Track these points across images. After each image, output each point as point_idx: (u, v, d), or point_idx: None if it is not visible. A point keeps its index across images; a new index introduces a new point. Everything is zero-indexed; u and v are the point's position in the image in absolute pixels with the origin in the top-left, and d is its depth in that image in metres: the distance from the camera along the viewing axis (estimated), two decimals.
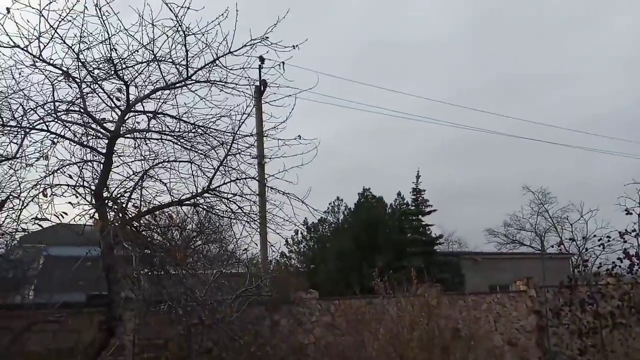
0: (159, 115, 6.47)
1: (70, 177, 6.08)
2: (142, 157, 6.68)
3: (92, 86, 6.13)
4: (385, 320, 9.36)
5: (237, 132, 6.66)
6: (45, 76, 5.88)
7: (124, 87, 6.08)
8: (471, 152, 52.09)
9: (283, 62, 6.34)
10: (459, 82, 51.06)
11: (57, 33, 5.49)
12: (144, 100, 6.31)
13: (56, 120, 6.02)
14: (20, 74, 5.86)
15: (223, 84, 6.34)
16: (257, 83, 10.19)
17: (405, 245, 21.65)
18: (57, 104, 5.95)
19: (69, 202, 5.96)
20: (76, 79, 5.94)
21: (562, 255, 25.18)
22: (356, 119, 52.72)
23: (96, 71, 6.00)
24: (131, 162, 6.63)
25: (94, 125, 6.22)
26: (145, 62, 6.00)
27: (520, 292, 13.24)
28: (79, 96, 5.99)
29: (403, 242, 21.98)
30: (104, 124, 6.18)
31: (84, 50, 5.74)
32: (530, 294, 13.10)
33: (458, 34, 54.37)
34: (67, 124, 6.15)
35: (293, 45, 6.09)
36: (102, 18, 5.50)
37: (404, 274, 10.49)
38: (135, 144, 6.63)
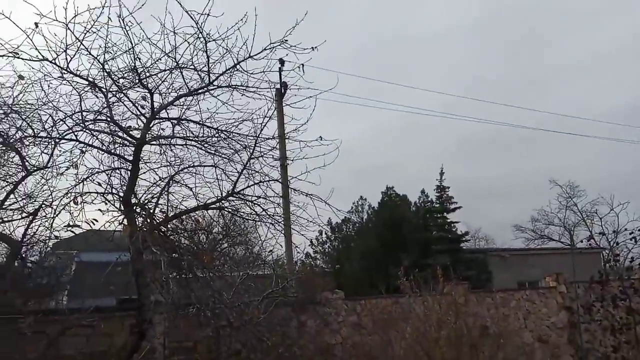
0: (183, 122, 6.58)
1: (99, 184, 6.26)
2: (168, 163, 6.82)
3: (117, 95, 6.27)
4: (412, 319, 9.31)
5: (259, 135, 6.74)
6: (73, 87, 6.06)
7: (149, 95, 6.21)
8: (495, 147, 51.30)
9: (303, 64, 6.39)
10: (478, 76, 50.18)
11: (83, 45, 5.64)
12: (168, 107, 6.43)
13: (84, 129, 6.18)
14: (49, 86, 6.04)
15: (244, 88, 6.41)
16: (278, 86, 10.25)
17: (431, 243, 21.44)
18: (84, 113, 6.11)
19: (99, 209, 6.12)
20: (102, 89, 6.09)
21: (592, 249, 24.60)
22: (378, 118, 52.23)
23: (121, 80, 6.14)
24: (157, 168, 6.78)
25: (120, 134, 6.37)
26: (168, 69, 6.11)
27: (550, 288, 13.02)
28: (105, 105, 6.14)
29: (428, 240, 21.78)
30: (130, 132, 6.32)
31: (109, 60, 5.88)
32: (561, 290, 12.86)
33: (475, 26, 53.44)
34: (94, 133, 6.32)
35: (312, 47, 6.12)
36: (125, 28, 5.62)
37: (429, 272, 10.42)
38: (160, 150, 6.77)
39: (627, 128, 47.41)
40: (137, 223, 6.15)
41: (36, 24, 5.31)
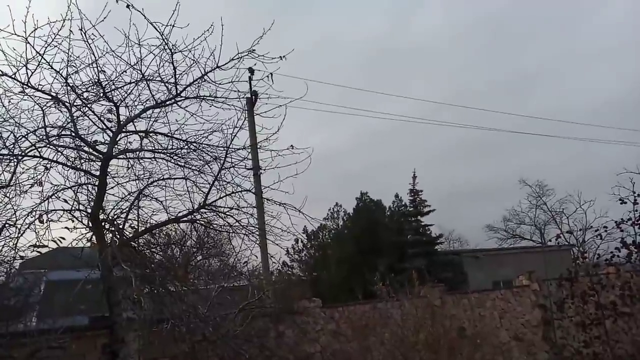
0: (151, 134, 6.49)
1: (66, 201, 6.11)
2: (137, 177, 6.71)
3: (82, 109, 6.15)
4: (390, 324, 9.35)
5: (230, 146, 6.69)
6: (35, 102, 5.92)
7: (114, 108, 6.11)
8: (471, 151, 52.44)
9: (271, 74, 6.40)
10: (455, 84, 51.52)
11: (44, 59, 5.53)
12: (135, 120, 6.33)
13: (48, 145, 6.03)
14: (9, 101, 5.89)
15: (213, 98, 6.38)
16: (248, 95, 10.21)
17: (406, 246, 21.65)
18: (48, 129, 5.97)
19: (66, 227, 5.98)
20: (66, 104, 5.96)
21: (563, 247, 25.24)
22: (362, 126, 53.42)
23: (85, 94, 6.03)
24: (126, 182, 6.67)
25: (86, 149, 6.24)
26: (134, 82, 6.03)
27: (524, 286, 13.25)
28: (69, 120, 6.01)
29: (403, 243, 21.98)
30: (96, 147, 6.20)
31: (72, 74, 5.78)
32: (534, 287, 13.11)
33: (451, 36, 54.83)
34: (59, 149, 6.17)
35: (280, 56, 6.13)
36: (88, 41, 5.54)
37: (406, 276, 10.49)
38: (128, 164, 6.66)
39: (600, 128, 49.12)
40: (107, 239, 6.01)
41: None
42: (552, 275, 12.07)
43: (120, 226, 6.22)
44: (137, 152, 6.55)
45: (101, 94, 5.99)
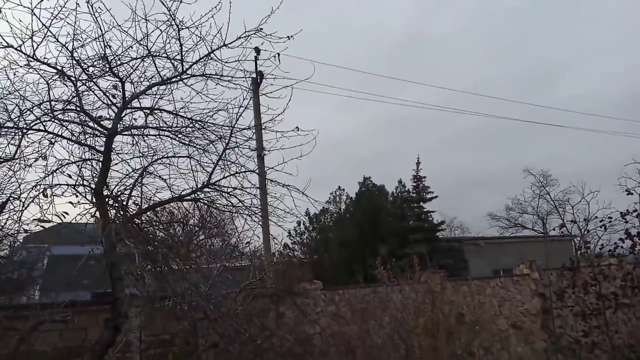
0: (156, 111, 6.44)
1: (70, 176, 6.07)
2: (141, 154, 6.66)
3: (87, 84, 6.08)
4: (390, 308, 9.41)
5: (235, 126, 6.64)
6: (40, 75, 5.84)
7: (120, 84, 6.04)
8: (482, 140, 52.29)
9: (278, 54, 6.30)
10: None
11: (50, 31, 5.44)
12: (140, 97, 6.27)
13: (53, 119, 5.98)
14: (15, 74, 5.81)
15: (219, 77, 6.29)
16: (254, 75, 10.12)
17: (408, 232, 21.69)
18: (53, 103, 5.91)
19: (70, 202, 5.95)
20: (71, 78, 5.90)
21: (564, 237, 25.24)
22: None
23: (91, 69, 5.95)
24: (130, 159, 6.62)
25: (91, 124, 6.19)
26: (139, 57, 5.95)
27: (524, 275, 13.30)
28: (74, 95, 5.95)
29: (405, 229, 22.02)
30: (101, 122, 6.14)
31: (77, 48, 5.69)
32: (534, 277, 13.15)
33: (464, 28, 54.38)
34: (64, 123, 6.12)
35: (288, 36, 6.04)
36: (94, 15, 5.44)
37: (407, 261, 10.53)
38: (133, 140, 6.61)
39: (606, 119, 48.76)
40: (110, 215, 6.01)
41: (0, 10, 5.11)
42: (553, 265, 12.10)
43: (124, 203, 6.20)
44: (142, 129, 6.51)
45: (107, 69, 5.93)
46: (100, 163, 6.13)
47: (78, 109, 6.02)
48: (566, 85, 54.34)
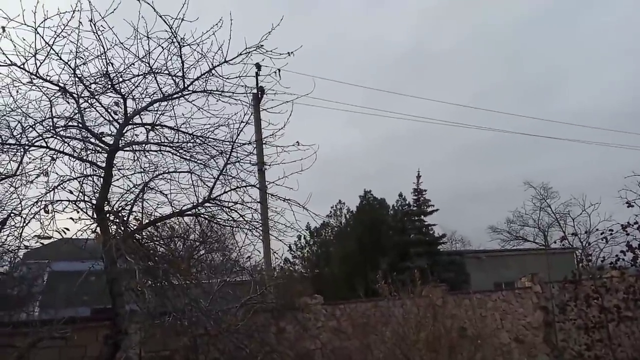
0: (157, 127, 6.49)
1: (71, 192, 6.11)
2: (142, 170, 6.71)
3: (89, 101, 6.16)
4: (391, 322, 9.34)
5: (236, 141, 6.69)
6: (43, 93, 5.92)
7: (122, 101, 6.11)
8: (484, 153, 52.51)
9: (279, 69, 6.38)
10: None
11: (53, 49, 5.53)
12: (142, 113, 6.33)
13: (55, 136, 6.04)
14: (17, 91, 5.89)
15: (220, 93, 6.36)
16: (255, 91, 10.20)
17: (409, 246, 21.60)
18: (55, 120, 5.98)
19: (71, 218, 5.97)
20: (73, 95, 5.96)
21: (566, 250, 25.12)
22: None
23: (93, 86, 6.03)
24: (131, 174, 6.67)
25: (92, 140, 6.24)
26: (141, 74, 6.03)
27: (526, 288, 13.23)
28: (76, 111, 6.02)
29: (406, 243, 21.94)
30: (103, 138, 6.20)
31: (80, 65, 5.78)
32: (536, 290, 13.09)
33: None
34: (66, 140, 6.17)
35: (288, 52, 6.12)
36: (97, 33, 5.53)
37: (408, 275, 10.48)
38: (134, 156, 6.67)
39: (606, 132, 48.96)
40: (111, 231, 6.02)
41: (3, 28, 5.19)
42: (555, 278, 12.04)
43: (125, 218, 6.22)
44: (143, 145, 6.56)
45: (109, 86, 6.00)
46: (101, 179, 6.16)
47: (80, 125, 6.07)
48: (566, 97, 54.72)
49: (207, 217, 6.92)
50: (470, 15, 55.93)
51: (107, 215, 6.06)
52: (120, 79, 5.98)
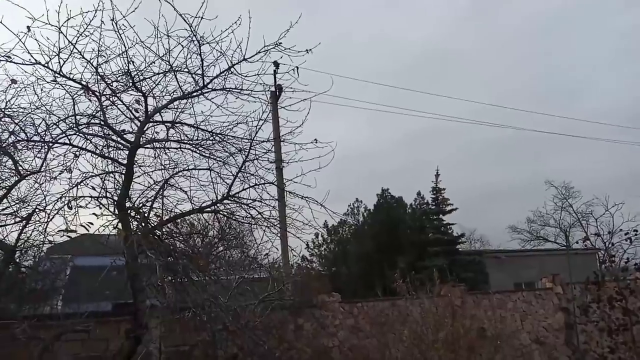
0: (177, 125, 6.56)
1: (93, 188, 6.21)
2: (162, 167, 6.79)
3: (111, 99, 6.24)
4: (409, 321, 9.30)
5: (254, 138, 6.72)
6: (66, 91, 6.02)
7: (142, 99, 6.18)
8: (504, 152, 51.84)
9: (297, 67, 6.39)
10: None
11: (76, 48, 5.61)
12: (162, 111, 6.40)
13: (78, 133, 6.14)
14: (42, 89, 6.01)
15: (239, 91, 6.39)
16: (273, 88, 10.23)
17: (427, 245, 21.45)
18: (78, 117, 6.07)
19: (93, 213, 6.08)
20: (96, 93, 6.06)
21: (588, 250, 24.66)
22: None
23: (115, 84, 6.11)
24: (152, 171, 6.75)
25: (114, 137, 6.33)
26: (161, 72, 6.09)
27: (547, 289, 13.03)
28: (99, 109, 6.11)
29: (424, 242, 21.78)
30: (124, 135, 6.28)
31: (102, 64, 5.86)
32: (557, 291, 12.88)
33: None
34: (88, 137, 6.27)
35: (307, 50, 6.11)
36: (118, 32, 5.60)
37: (426, 274, 10.41)
38: (155, 153, 6.75)
39: (625, 129, 47.87)
40: (132, 227, 6.11)
41: (28, 28, 5.29)
42: (576, 279, 11.84)
43: (146, 214, 6.31)
44: (164, 142, 6.63)
45: (130, 84, 6.07)
46: (122, 175, 6.25)
47: (102, 122, 6.17)
48: (589, 95, 53.55)
49: (225, 214, 6.98)
50: (491, 14, 55.17)
51: (129, 211, 6.15)
52: (141, 77, 6.05)
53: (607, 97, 54.16)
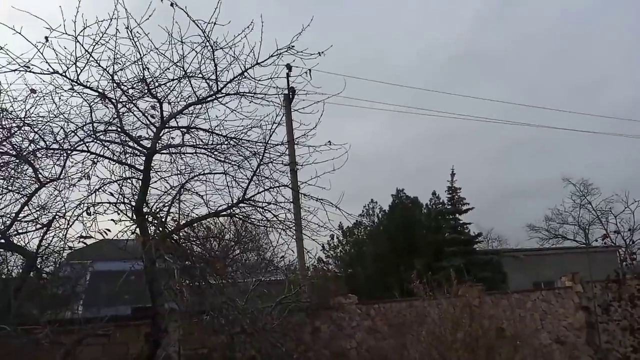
0: (192, 130, 6.63)
1: (112, 194, 6.31)
2: (179, 172, 6.87)
3: (127, 105, 6.34)
4: (427, 322, 9.23)
5: (269, 142, 6.76)
6: (83, 99, 6.13)
7: (158, 105, 6.26)
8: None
9: (310, 70, 6.41)
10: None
11: (92, 57, 5.71)
12: (177, 116, 6.48)
13: (95, 140, 6.25)
14: (60, 98, 6.12)
15: (252, 95, 6.45)
16: (286, 92, 10.27)
17: (443, 245, 21.29)
18: (95, 124, 6.18)
19: (112, 219, 6.17)
20: (112, 100, 6.15)
21: (608, 248, 24.23)
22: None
23: (130, 91, 6.20)
24: (168, 176, 6.84)
25: (131, 143, 6.42)
26: (176, 78, 6.17)
27: (566, 288, 12.84)
28: (115, 116, 6.21)
29: (441, 242, 21.63)
30: (141, 142, 6.37)
31: (118, 71, 5.95)
32: (577, 289, 12.68)
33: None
34: (105, 144, 6.38)
35: (319, 52, 6.13)
36: (133, 39, 5.68)
37: (443, 274, 10.33)
38: (171, 159, 6.83)
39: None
40: (150, 232, 6.18)
41: (46, 38, 5.39)
42: (596, 277, 11.64)
43: (163, 219, 6.38)
44: (179, 148, 6.71)
45: (145, 91, 6.16)
46: (140, 181, 6.33)
47: (119, 129, 6.26)
48: (609, 91, 52.61)
49: (241, 217, 7.03)
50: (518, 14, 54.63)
51: (146, 216, 6.23)
52: (156, 84, 6.13)
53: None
